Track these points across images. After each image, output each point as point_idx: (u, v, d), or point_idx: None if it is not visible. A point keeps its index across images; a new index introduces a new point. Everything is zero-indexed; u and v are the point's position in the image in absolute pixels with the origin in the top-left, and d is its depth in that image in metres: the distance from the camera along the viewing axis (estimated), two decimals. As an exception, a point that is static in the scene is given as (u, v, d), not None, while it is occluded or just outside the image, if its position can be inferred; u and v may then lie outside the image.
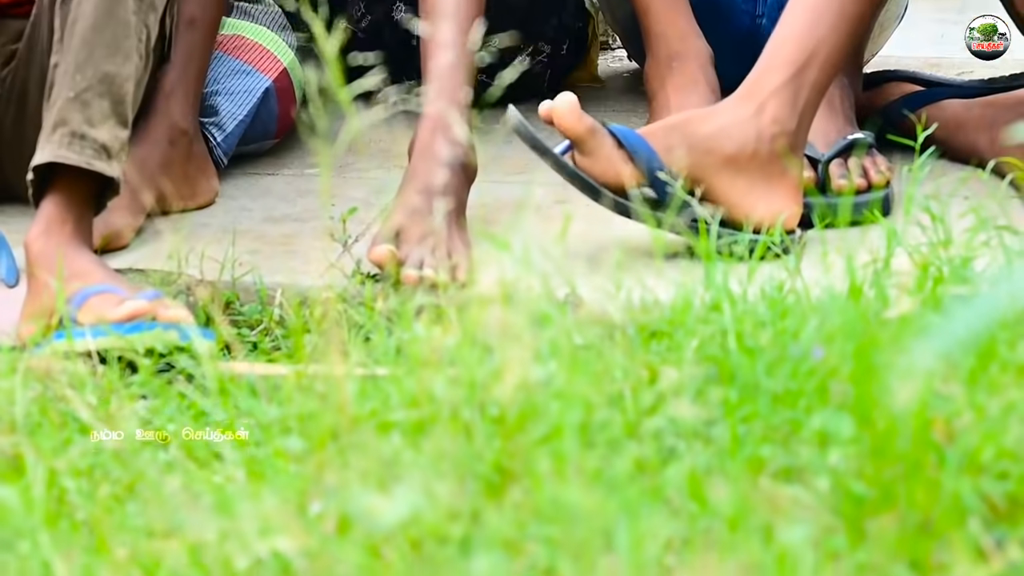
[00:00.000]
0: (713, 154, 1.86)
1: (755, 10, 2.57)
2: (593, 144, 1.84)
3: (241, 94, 2.29)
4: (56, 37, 1.87)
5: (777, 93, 1.88)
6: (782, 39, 1.91)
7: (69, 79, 1.83)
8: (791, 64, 1.89)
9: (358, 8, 2.53)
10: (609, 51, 2.99)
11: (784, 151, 1.89)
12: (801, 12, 1.91)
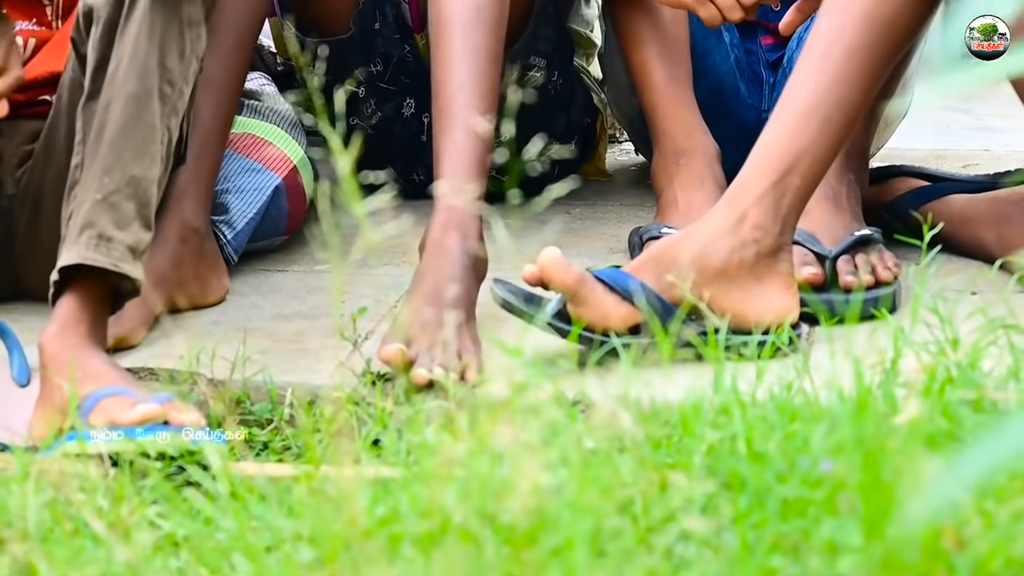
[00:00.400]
0: (703, 272, 1.89)
1: (761, 104, 2.59)
2: (585, 293, 1.87)
3: (251, 192, 2.31)
4: (78, 139, 1.89)
5: (759, 201, 1.91)
6: (766, 146, 1.94)
7: (96, 181, 1.85)
8: (773, 172, 1.91)
9: (368, 105, 2.55)
10: (617, 144, 3.02)
11: (769, 251, 1.91)
12: (786, 119, 1.94)
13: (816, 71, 1.94)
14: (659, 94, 2.34)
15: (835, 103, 1.93)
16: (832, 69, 1.93)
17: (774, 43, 2.57)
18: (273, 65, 2.63)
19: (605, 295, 1.88)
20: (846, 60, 1.93)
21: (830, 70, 1.93)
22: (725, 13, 2.19)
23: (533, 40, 2.50)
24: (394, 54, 2.53)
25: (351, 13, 2.47)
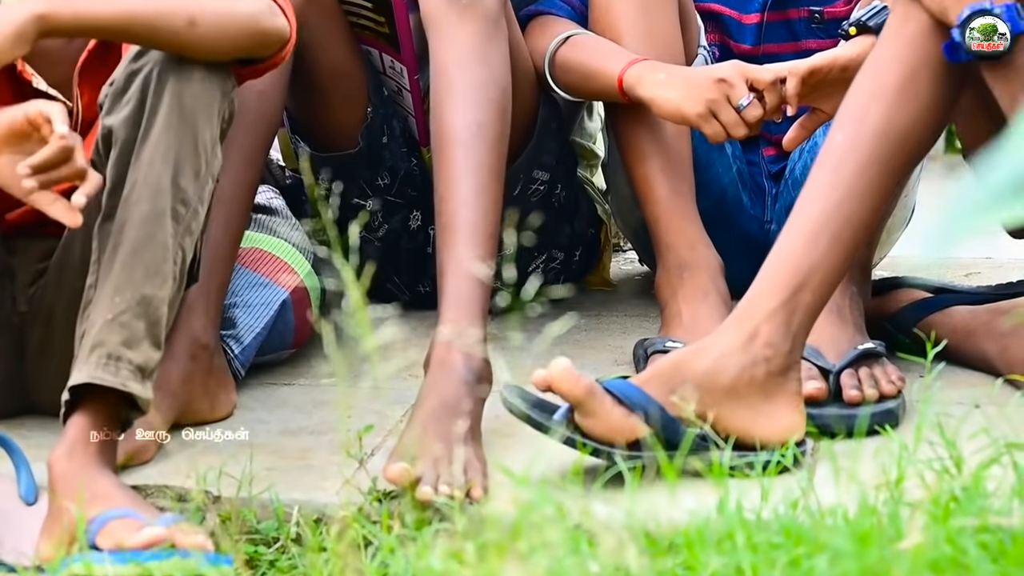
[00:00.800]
0: (713, 390, 1.90)
1: (764, 216, 2.61)
2: (593, 405, 1.88)
3: (258, 307, 2.32)
4: (93, 258, 1.92)
5: (770, 318, 1.91)
6: (777, 261, 1.95)
7: (108, 301, 1.87)
8: (785, 288, 1.92)
9: (376, 217, 2.58)
10: (621, 253, 3.03)
11: (780, 370, 1.91)
12: (798, 233, 1.94)
13: (827, 186, 1.95)
14: (662, 208, 2.36)
15: (846, 219, 1.94)
16: (843, 185, 1.94)
17: (776, 154, 2.60)
18: (281, 178, 2.66)
19: (613, 408, 1.88)
20: (857, 175, 1.94)
21: (841, 185, 1.94)
22: (729, 130, 2.22)
23: (536, 154, 2.52)
24: (401, 167, 2.55)
25: (359, 128, 2.50)
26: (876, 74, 1.97)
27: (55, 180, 1.83)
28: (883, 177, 1.96)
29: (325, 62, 2.42)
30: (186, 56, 1.92)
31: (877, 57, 1.98)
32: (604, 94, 2.38)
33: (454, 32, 2.21)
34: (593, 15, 2.42)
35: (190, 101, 1.91)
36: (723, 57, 2.55)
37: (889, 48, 1.97)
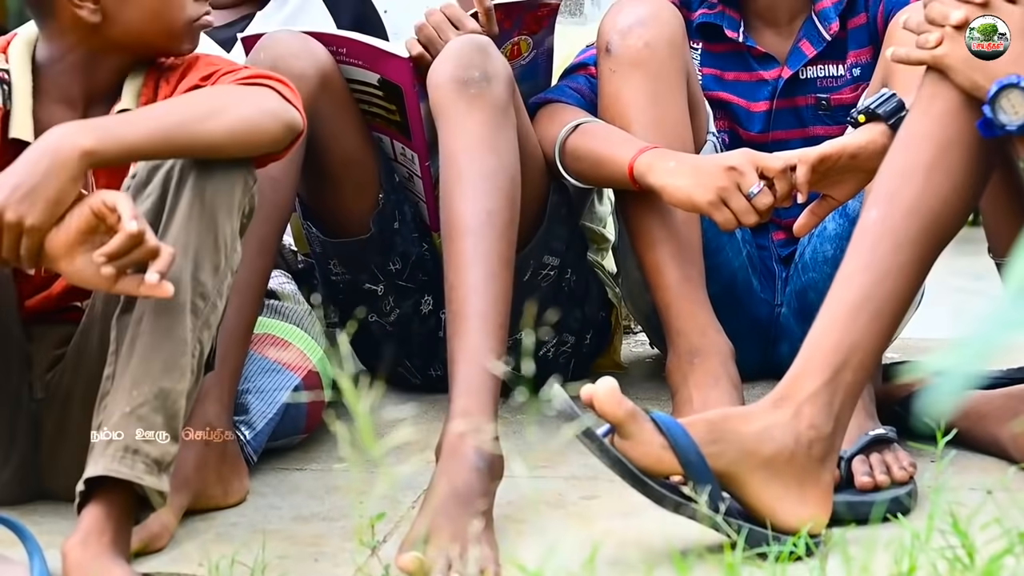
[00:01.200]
0: (753, 455, 1.89)
1: (774, 299, 2.62)
2: (633, 428, 1.87)
3: (271, 392, 2.33)
4: (111, 349, 1.93)
5: (813, 398, 1.91)
6: (818, 339, 1.94)
7: (126, 394, 1.88)
8: (827, 367, 1.92)
9: (387, 302, 2.59)
10: (632, 335, 3.04)
11: (820, 456, 1.91)
12: (836, 312, 1.94)
13: (864, 265, 1.95)
14: (672, 294, 2.37)
15: (884, 297, 1.94)
16: (879, 263, 1.94)
17: (786, 238, 2.61)
18: (293, 263, 2.67)
19: (653, 435, 1.87)
20: (893, 254, 1.94)
21: (877, 264, 1.94)
22: (740, 218, 2.23)
23: (547, 239, 2.54)
24: (412, 252, 2.57)
25: (371, 214, 2.52)
26: (907, 152, 1.97)
27: (131, 263, 1.85)
28: (918, 255, 1.96)
29: (337, 149, 2.44)
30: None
31: (908, 135, 1.98)
32: (614, 181, 2.40)
33: (463, 121, 2.23)
34: (602, 103, 2.44)
35: (211, 196, 1.93)
36: (732, 143, 2.58)
37: (919, 125, 1.97)
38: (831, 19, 2.56)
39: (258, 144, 1.98)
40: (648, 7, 2.42)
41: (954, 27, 1.92)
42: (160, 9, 2.07)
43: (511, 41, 2.48)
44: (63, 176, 1.85)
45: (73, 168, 1.85)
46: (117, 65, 2.11)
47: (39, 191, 1.84)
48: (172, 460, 1.90)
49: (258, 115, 1.97)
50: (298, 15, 2.81)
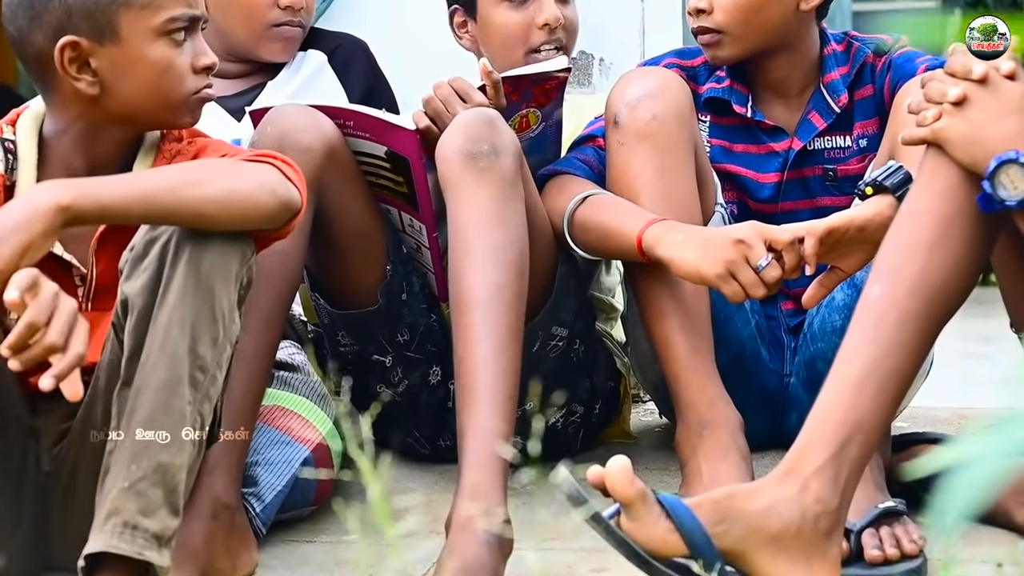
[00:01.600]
0: (760, 532, 1.88)
1: (783, 369, 2.62)
2: (641, 510, 1.87)
3: (280, 464, 2.33)
4: (112, 424, 1.93)
5: (820, 472, 1.90)
6: (823, 413, 1.94)
7: (124, 469, 1.88)
8: (833, 442, 1.91)
9: (395, 373, 2.59)
10: (641, 404, 3.04)
11: (827, 530, 1.90)
12: (841, 387, 1.94)
13: (868, 341, 1.94)
14: (681, 366, 2.37)
15: (888, 373, 1.93)
16: (884, 339, 1.94)
17: (795, 308, 2.61)
18: (303, 332, 2.68)
19: (660, 519, 1.87)
20: (897, 329, 1.94)
21: (882, 340, 1.94)
22: (748, 291, 2.23)
23: (555, 310, 2.54)
24: (421, 323, 2.57)
25: (379, 285, 2.52)
26: (910, 227, 1.97)
27: (33, 359, 1.83)
28: (922, 330, 1.96)
29: (345, 222, 2.45)
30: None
31: (910, 210, 1.98)
32: (623, 253, 2.40)
33: (471, 194, 2.24)
34: (611, 175, 2.45)
35: (207, 268, 1.93)
36: (741, 214, 2.58)
37: (921, 201, 1.97)
38: (840, 91, 2.57)
39: (250, 217, 1.98)
40: (656, 80, 2.43)
41: (952, 104, 1.93)
42: (158, 82, 2.07)
43: (519, 113, 2.49)
44: (36, 227, 1.85)
45: (47, 221, 1.85)
46: (119, 137, 2.11)
47: (9, 238, 1.84)
48: (173, 534, 1.90)
49: (252, 188, 1.97)
50: (309, 85, 2.83)
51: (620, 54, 2.98)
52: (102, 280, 2.10)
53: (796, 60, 2.58)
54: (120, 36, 2.04)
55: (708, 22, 2.52)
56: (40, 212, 1.86)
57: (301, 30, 2.83)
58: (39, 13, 2.04)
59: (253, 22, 2.79)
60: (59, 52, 2.03)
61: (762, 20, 2.52)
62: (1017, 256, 2.13)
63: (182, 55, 2.08)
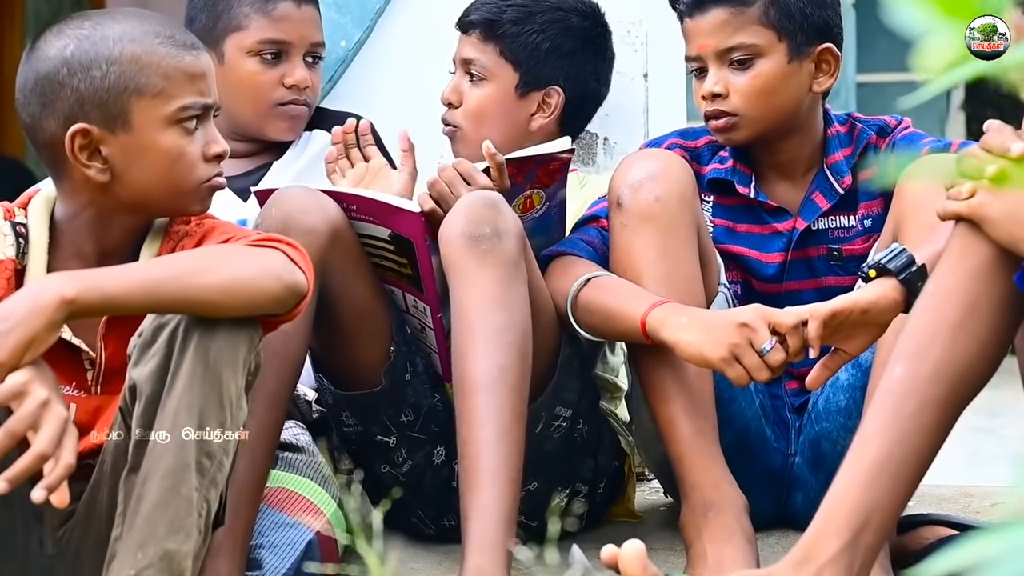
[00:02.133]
0: None
1: (788, 448, 2.62)
2: None
3: (285, 547, 2.33)
4: (119, 510, 1.93)
5: (834, 561, 1.88)
6: (838, 498, 1.91)
7: (131, 556, 1.89)
8: (847, 529, 1.89)
9: (399, 453, 2.59)
10: (646, 482, 3.03)
11: None
12: (857, 472, 1.91)
13: (887, 424, 1.92)
14: (686, 447, 2.37)
15: (905, 457, 1.91)
16: (903, 423, 1.91)
17: (799, 388, 2.61)
18: (308, 413, 2.68)
19: None
20: (918, 413, 1.91)
21: (901, 424, 1.91)
22: (753, 374, 2.23)
23: (559, 391, 2.54)
24: (424, 404, 2.57)
25: (382, 366, 2.53)
26: (935, 308, 1.95)
27: (21, 475, 1.84)
28: (943, 414, 1.93)
29: (348, 303, 2.46)
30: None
31: (937, 289, 1.96)
32: (627, 336, 2.41)
33: (475, 277, 2.25)
34: (614, 257, 2.45)
35: (215, 355, 1.94)
36: (744, 294, 2.59)
37: (948, 281, 1.95)
38: (844, 172, 2.58)
39: (256, 303, 1.98)
40: (659, 161, 2.44)
41: (990, 180, 1.91)
42: (169, 170, 2.07)
43: (523, 194, 2.50)
44: (39, 321, 1.86)
45: (51, 314, 1.86)
46: (130, 224, 2.12)
47: (13, 331, 1.85)
48: None
49: (257, 274, 1.97)
50: (314, 165, 2.85)
51: (624, 134, 2.99)
52: (111, 364, 2.10)
53: (803, 141, 2.59)
54: (132, 124, 2.05)
55: (724, 106, 2.53)
56: (43, 306, 1.86)
57: (307, 108, 2.84)
58: (51, 100, 2.05)
59: (259, 101, 2.80)
60: (70, 139, 2.03)
61: (777, 103, 2.54)
62: None
63: (193, 143, 2.08)
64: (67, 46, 2.04)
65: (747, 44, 2.52)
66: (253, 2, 2.78)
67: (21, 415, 1.83)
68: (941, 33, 0.81)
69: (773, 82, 2.52)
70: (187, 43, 2.09)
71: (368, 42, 3.10)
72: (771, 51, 2.53)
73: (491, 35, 2.76)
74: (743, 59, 2.53)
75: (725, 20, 2.53)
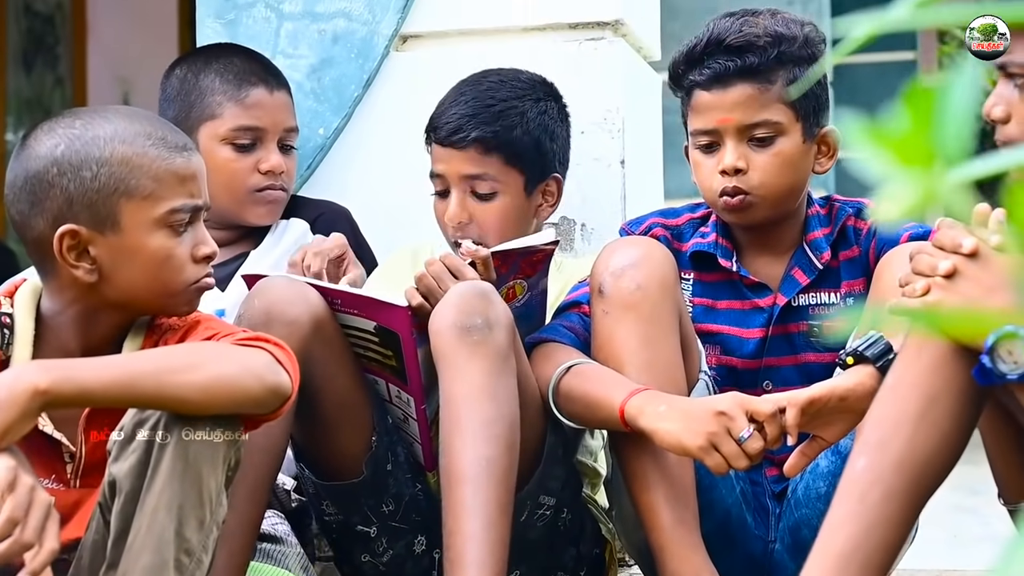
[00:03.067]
0: None
1: (768, 535, 2.61)
2: None
3: (265, 640, 2.32)
4: None
5: None
6: None
7: None
8: None
9: (380, 543, 2.58)
10: (626, 568, 3.02)
11: None
12: (827, 560, 1.89)
13: (853, 515, 1.93)
14: (666, 536, 2.36)
15: (873, 547, 1.92)
16: (869, 513, 1.92)
17: (779, 474, 2.61)
18: (287, 502, 2.67)
19: None
20: (883, 503, 1.92)
21: (867, 514, 1.92)
22: (731, 462, 2.24)
23: (544, 480, 2.54)
24: (406, 494, 2.57)
25: (364, 456, 2.52)
26: (895, 401, 1.96)
27: (8, 555, 1.82)
28: (908, 504, 1.94)
29: (330, 394, 2.45)
30: None
31: (896, 383, 1.97)
32: (607, 424, 2.40)
33: (464, 368, 2.26)
34: (595, 344, 2.45)
35: (195, 451, 1.93)
36: (724, 376, 2.59)
37: (908, 374, 1.96)
38: (823, 249, 2.59)
39: (236, 403, 1.96)
40: (640, 249, 2.44)
41: (944, 277, 1.93)
42: (157, 271, 2.06)
43: (507, 285, 2.51)
44: (12, 412, 1.85)
45: (23, 405, 1.85)
46: (116, 321, 2.11)
47: None
48: None
49: (239, 374, 1.95)
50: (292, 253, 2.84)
51: (602, 220, 3.00)
52: (91, 458, 2.09)
53: (791, 222, 2.60)
54: (120, 226, 2.04)
55: (742, 183, 2.52)
56: (16, 396, 1.85)
57: (284, 193, 2.85)
58: (40, 199, 2.04)
59: (236, 188, 2.80)
60: (58, 240, 2.03)
61: (791, 183, 2.53)
62: (1005, 426, 2.13)
63: (182, 244, 2.08)
64: (58, 145, 2.04)
65: (772, 121, 2.51)
66: (225, 90, 2.79)
67: (18, 502, 1.82)
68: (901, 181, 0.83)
69: (791, 161, 2.52)
70: (178, 144, 2.09)
71: (346, 129, 3.11)
72: (790, 130, 2.53)
73: (491, 146, 2.71)
74: (765, 136, 2.52)
75: (751, 95, 2.51)
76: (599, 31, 3.01)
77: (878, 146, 0.83)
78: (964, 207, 1.87)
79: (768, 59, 2.50)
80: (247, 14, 3.13)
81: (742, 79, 2.51)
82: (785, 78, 2.51)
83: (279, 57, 3.08)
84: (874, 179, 0.80)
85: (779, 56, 2.51)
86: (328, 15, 3.10)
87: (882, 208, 0.82)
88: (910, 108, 0.84)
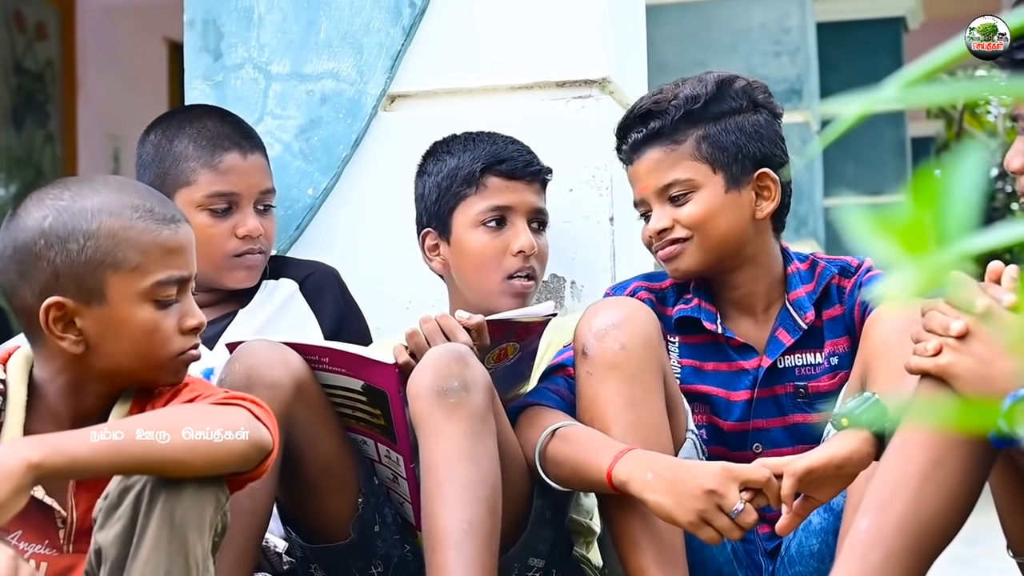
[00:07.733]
0: None
1: (760, 579, 2.60)
2: None
3: None
4: None
5: None
6: None
7: None
8: None
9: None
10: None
11: None
12: None
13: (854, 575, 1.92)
14: (657, 598, 2.35)
15: None
16: (869, 574, 1.91)
17: (771, 532, 2.59)
18: (278, 564, 2.65)
19: None
20: (883, 565, 1.91)
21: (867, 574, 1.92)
22: (724, 534, 2.22)
23: (531, 542, 2.52)
24: (395, 555, 2.55)
25: (351, 518, 2.51)
26: (900, 462, 1.95)
27: None
28: (910, 565, 1.92)
29: (314, 457, 2.44)
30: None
31: (903, 443, 1.96)
32: (596, 487, 2.39)
33: (442, 431, 2.25)
34: (580, 405, 2.44)
35: (181, 516, 1.92)
36: (711, 436, 2.58)
37: (914, 435, 1.95)
38: (806, 308, 2.58)
39: (222, 462, 1.96)
40: (623, 309, 2.44)
41: (956, 337, 1.91)
42: (144, 344, 2.07)
43: (499, 347, 2.50)
44: (6, 487, 1.85)
45: (17, 480, 1.85)
46: (105, 391, 2.11)
47: None
48: None
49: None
50: (280, 314, 2.84)
51: (591, 277, 2.99)
52: (82, 523, 2.09)
53: (759, 275, 2.60)
54: (107, 298, 2.04)
55: (668, 236, 2.55)
56: (10, 472, 1.86)
57: (263, 256, 2.83)
58: (28, 270, 2.04)
59: (213, 254, 2.78)
60: (44, 311, 2.03)
61: (720, 232, 2.54)
62: (1014, 480, 2.10)
63: (168, 316, 2.08)
64: (46, 217, 2.04)
65: (682, 179, 2.55)
66: (199, 156, 2.78)
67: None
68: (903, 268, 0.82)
69: (712, 211, 2.54)
70: (166, 216, 2.09)
71: (335, 189, 3.11)
72: (707, 183, 2.55)
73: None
74: (680, 194, 2.55)
75: (659, 159, 2.56)
76: (586, 89, 3.01)
77: (882, 235, 0.83)
78: (967, 281, 1.86)
79: (672, 120, 2.55)
80: (235, 75, 3.13)
81: (649, 144, 2.57)
82: (696, 135, 2.54)
83: (267, 118, 3.08)
84: (881, 265, 0.80)
85: (686, 116, 2.54)
86: (316, 75, 3.10)
87: (889, 296, 0.82)
88: (915, 194, 0.83)
